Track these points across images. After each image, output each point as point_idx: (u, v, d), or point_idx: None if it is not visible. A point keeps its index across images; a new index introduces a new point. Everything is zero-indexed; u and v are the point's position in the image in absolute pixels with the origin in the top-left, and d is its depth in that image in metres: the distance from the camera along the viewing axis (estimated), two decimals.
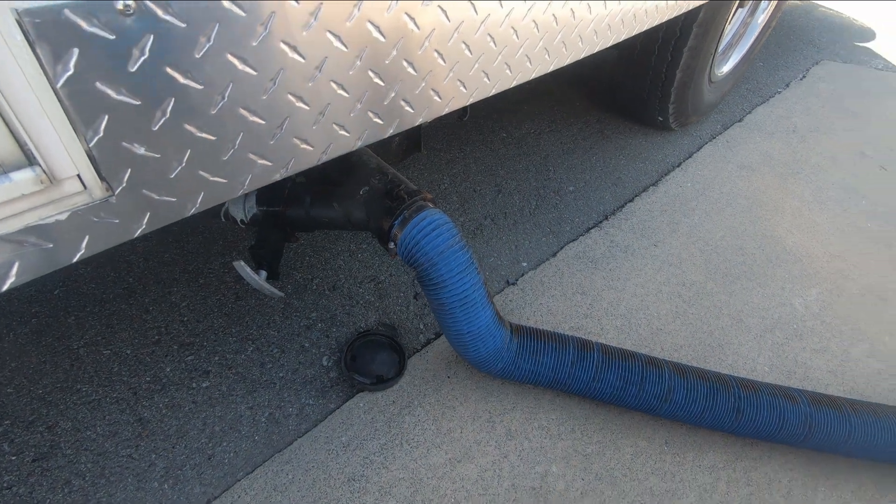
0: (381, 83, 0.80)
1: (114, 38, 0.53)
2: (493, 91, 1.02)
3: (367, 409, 1.18)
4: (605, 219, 1.75)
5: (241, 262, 1.02)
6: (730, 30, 2.11)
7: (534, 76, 1.09)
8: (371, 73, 0.77)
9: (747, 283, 1.56)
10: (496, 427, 1.17)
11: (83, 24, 0.50)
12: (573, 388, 1.17)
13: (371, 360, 1.26)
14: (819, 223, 1.82)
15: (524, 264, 1.57)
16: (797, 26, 3.32)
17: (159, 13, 0.54)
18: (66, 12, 0.49)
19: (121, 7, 0.52)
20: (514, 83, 1.05)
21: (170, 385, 1.20)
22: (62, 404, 1.16)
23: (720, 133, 2.25)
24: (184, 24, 0.56)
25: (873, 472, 1.14)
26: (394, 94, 0.83)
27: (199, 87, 0.61)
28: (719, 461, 1.14)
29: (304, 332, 1.33)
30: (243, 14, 0.60)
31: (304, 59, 0.68)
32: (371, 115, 0.82)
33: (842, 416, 1.08)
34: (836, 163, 2.14)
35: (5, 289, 0.58)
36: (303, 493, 1.05)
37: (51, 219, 0.58)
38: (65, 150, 0.55)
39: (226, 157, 0.68)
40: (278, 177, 0.76)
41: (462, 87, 0.95)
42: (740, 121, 2.35)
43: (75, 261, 0.63)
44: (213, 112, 0.64)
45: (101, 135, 0.57)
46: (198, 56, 0.59)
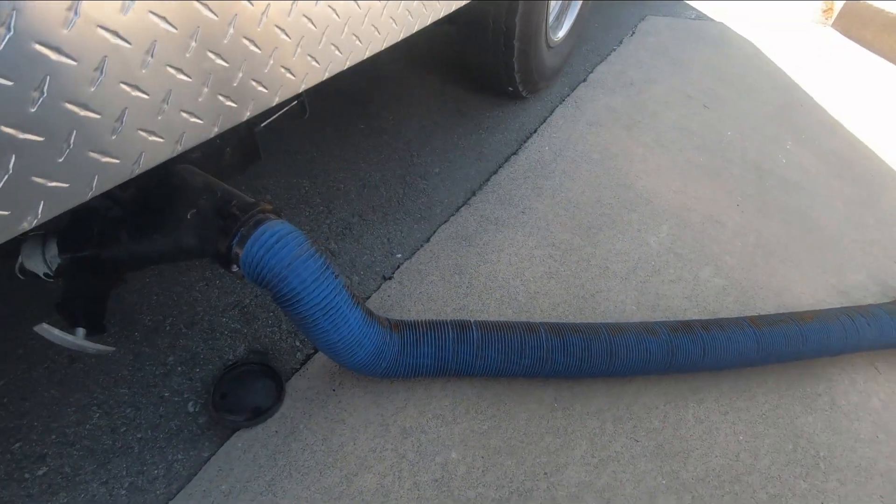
0: (225, 63, 0.77)
1: None
2: (349, 64, 1.03)
3: (247, 447, 1.07)
4: (473, 195, 1.76)
5: (45, 325, 0.85)
6: None
7: (385, 45, 1.10)
8: (211, 54, 0.74)
9: (609, 232, 1.66)
10: (390, 429, 1.12)
11: None
12: (460, 371, 1.16)
13: (245, 394, 1.15)
14: (662, 165, 1.99)
15: (399, 256, 1.52)
16: None
17: None
18: None
19: None
20: (367, 54, 1.05)
21: None
22: None
23: (568, 95, 2.37)
24: None
25: (729, 380, 1.27)
26: (241, 75, 0.80)
27: (9, 83, 0.54)
28: (604, 404, 1.20)
29: (161, 380, 1.17)
30: None
31: (129, 44, 0.63)
32: (222, 98, 0.79)
33: (696, 338, 1.18)
34: (669, 107, 2.36)
35: None
36: None
37: None
38: None
39: (61, 159, 0.62)
40: (131, 174, 0.71)
41: (314, 62, 0.94)
42: (584, 80, 2.50)
43: None
44: (32, 111, 0.57)
45: None
46: None
